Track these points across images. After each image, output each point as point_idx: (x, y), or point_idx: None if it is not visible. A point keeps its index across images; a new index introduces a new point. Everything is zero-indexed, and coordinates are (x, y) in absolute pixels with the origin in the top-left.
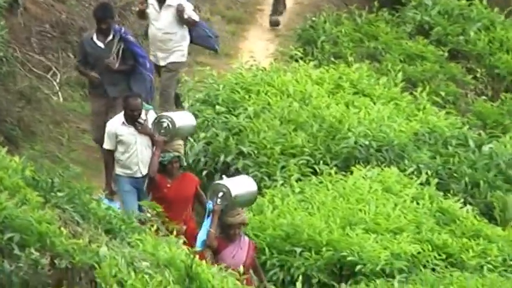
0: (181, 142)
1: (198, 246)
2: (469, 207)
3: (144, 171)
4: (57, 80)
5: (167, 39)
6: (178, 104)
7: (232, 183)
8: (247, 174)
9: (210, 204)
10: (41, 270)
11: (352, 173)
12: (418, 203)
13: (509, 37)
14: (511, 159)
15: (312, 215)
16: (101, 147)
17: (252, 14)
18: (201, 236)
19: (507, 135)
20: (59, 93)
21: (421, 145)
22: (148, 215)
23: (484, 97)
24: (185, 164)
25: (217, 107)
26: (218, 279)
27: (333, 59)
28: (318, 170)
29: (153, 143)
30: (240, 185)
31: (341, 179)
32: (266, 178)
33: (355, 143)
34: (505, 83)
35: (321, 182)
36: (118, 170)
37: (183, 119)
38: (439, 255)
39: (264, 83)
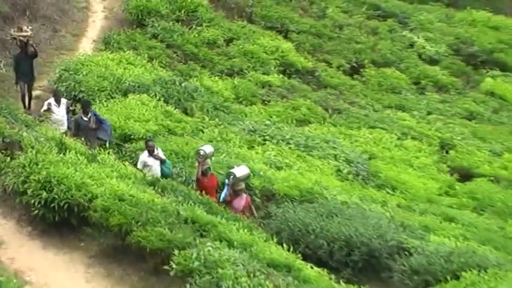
0: (209, 160)
1: (220, 200)
2: (177, 110)
3: None
4: None
5: (64, 119)
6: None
7: (237, 171)
8: (88, 96)
9: (226, 180)
10: None
11: (127, 97)
12: (155, 109)
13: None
14: (193, 89)
15: (112, 115)
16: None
17: (83, 31)
18: (222, 195)
19: (193, 78)
20: None
21: (156, 84)
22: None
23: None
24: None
25: (69, 71)
26: (78, 146)
27: (120, 51)
28: (114, 97)
29: (161, 164)
30: (241, 171)
31: (123, 100)
32: (97, 100)
33: (128, 85)
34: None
35: (114, 102)
36: None
37: (209, 148)
38: (168, 130)
39: (89, 61)
